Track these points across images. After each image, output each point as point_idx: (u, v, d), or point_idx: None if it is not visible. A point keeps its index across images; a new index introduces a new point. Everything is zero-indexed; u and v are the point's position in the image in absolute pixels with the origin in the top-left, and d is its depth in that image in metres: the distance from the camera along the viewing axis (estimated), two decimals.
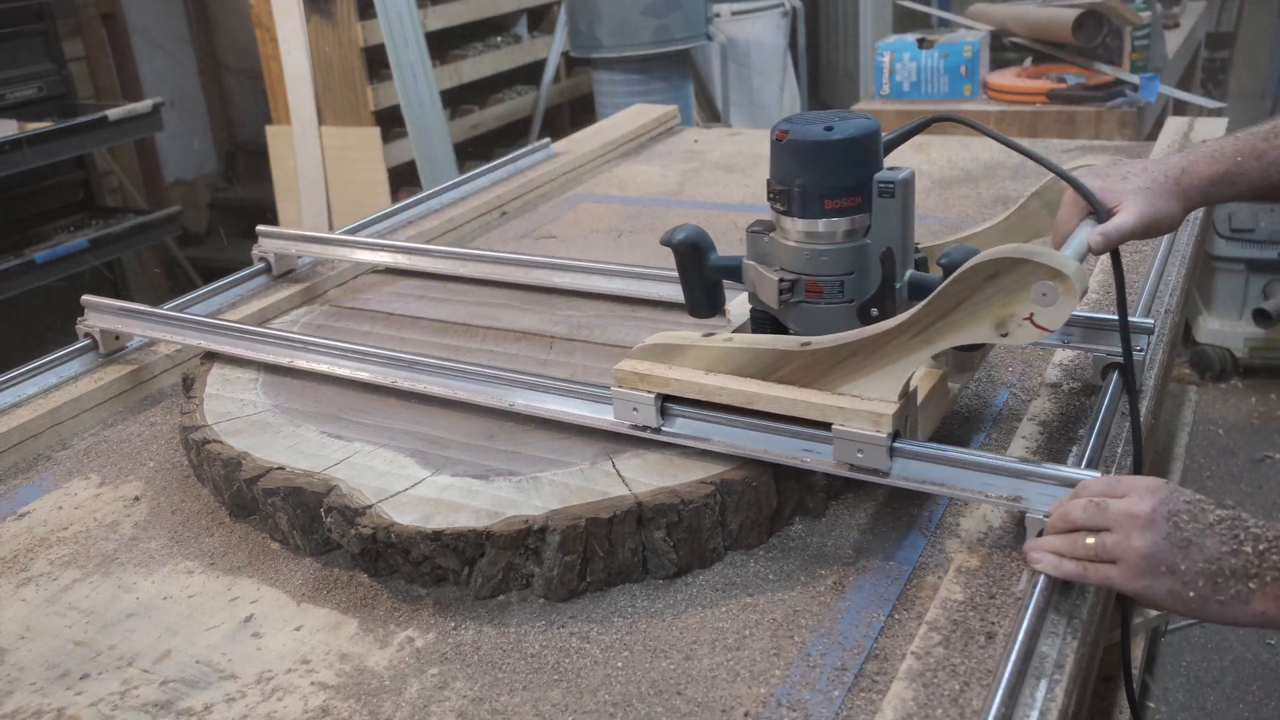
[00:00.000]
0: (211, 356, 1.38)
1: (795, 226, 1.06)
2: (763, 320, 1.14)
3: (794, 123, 1.07)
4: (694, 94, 4.14)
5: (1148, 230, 1.04)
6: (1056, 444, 1.12)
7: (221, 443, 1.17)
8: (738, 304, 1.20)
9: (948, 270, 0.96)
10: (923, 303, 0.95)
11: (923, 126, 1.15)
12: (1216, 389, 3.67)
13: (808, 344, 1.01)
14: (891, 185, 1.03)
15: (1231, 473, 3.23)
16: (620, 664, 0.92)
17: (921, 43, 3.26)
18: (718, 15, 4.36)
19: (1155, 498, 0.85)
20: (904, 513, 1.09)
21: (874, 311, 1.06)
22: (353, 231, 1.79)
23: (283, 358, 1.32)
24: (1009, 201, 1.94)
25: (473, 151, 4.47)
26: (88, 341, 1.47)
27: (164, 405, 1.45)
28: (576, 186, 2.25)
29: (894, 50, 3.28)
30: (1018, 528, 0.99)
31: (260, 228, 1.71)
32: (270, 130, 4.24)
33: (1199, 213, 1.70)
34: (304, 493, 1.06)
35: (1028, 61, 3.32)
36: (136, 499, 1.23)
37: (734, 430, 1.05)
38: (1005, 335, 0.92)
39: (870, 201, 1.04)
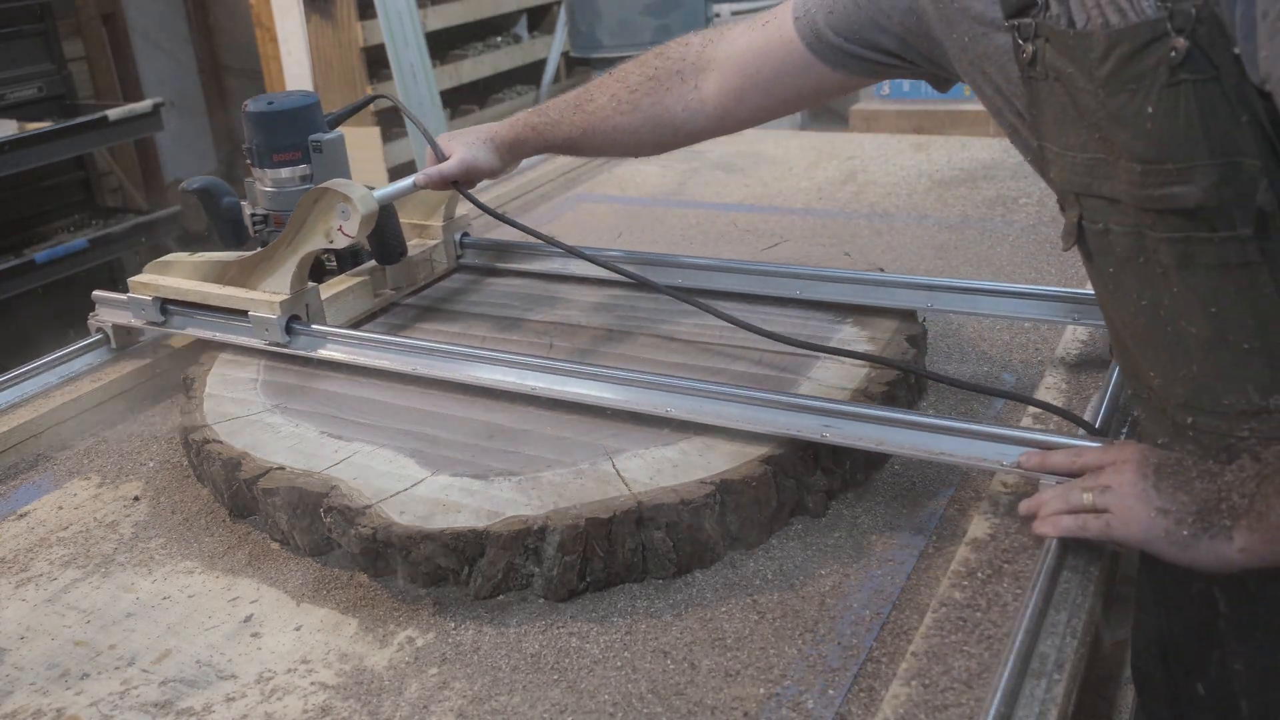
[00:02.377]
0: (212, 357, 1.39)
1: (263, 175, 1.45)
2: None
3: (253, 100, 1.45)
4: None
5: (467, 173, 1.37)
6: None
7: (221, 443, 1.17)
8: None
9: None
10: (288, 222, 1.32)
11: (364, 104, 1.60)
12: None
13: (241, 257, 1.38)
14: (320, 144, 1.43)
15: None
16: (620, 664, 0.92)
17: None
18: (718, 15, 4.36)
19: (1141, 453, 0.92)
20: (904, 513, 1.09)
21: None
22: None
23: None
24: (1008, 201, 1.94)
25: None
26: (99, 336, 1.49)
27: (164, 405, 1.45)
28: (576, 186, 2.25)
29: None
30: (1017, 527, 0.99)
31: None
32: None
33: None
34: (304, 493, 1.06)
35: None
36: (136, 499, 1.23)
37: (204, 324, 1.40)
38: (332, 241, 1.30)
39: (308, 156, 1.43)
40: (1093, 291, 1.24)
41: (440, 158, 1.38)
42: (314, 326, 1.33)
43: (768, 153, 2.36)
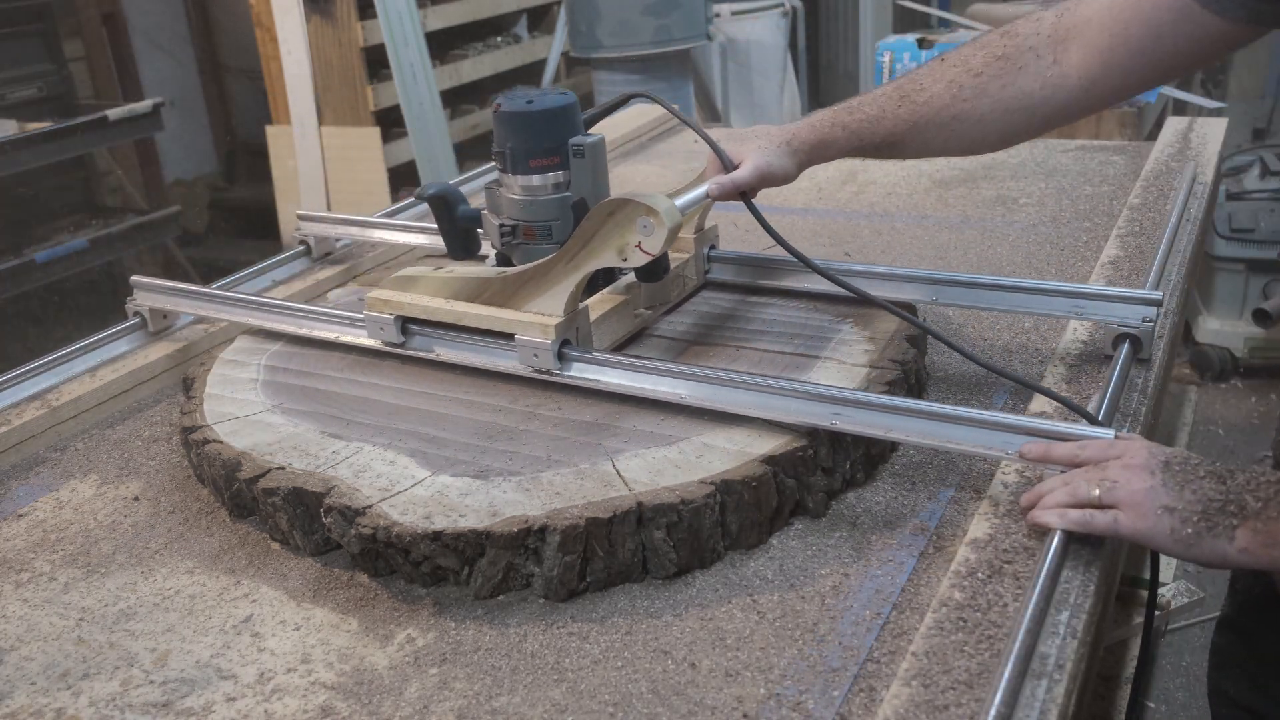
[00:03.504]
0: (212, 357, 1.39)
1: (513, 182, 1.28)
2: (502, 259, 1.34)
3: (507, 98, 1.29)
4: (694, 94, 4.14)
5: (763, 181, 1.23)
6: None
7: (221, 443, 1.17)
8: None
9: None
10: (571, 237, 1.18)
11: (621, 103, 1.40)
12: (1216, 389, 3.67)
13: (503, 273, 1.24)
14: (582, 147, 1.27)
15: None
16: (620, 664, 0.92)
17: (921, 43, 3.26)
18: (718, 15, 4.36)
19: (1147, 449, 0.92)
20: (904, 513, 1.09)
21: None
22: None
23: (329, 333, 1.38)
24: (1008, 201, 1.94)
25: (473, 151, 4.47)
26: (136, 320, 1.53)
27: (164, 405, 1.45)
28: None
29: (894, 50, 3.28)
30: (1017, 527, 0.99)
31: (300, 212, 1.82)
32: (270, 130, 4.24)
33: (1199, 211, 1.70)
34: (304, 493, 1.06)
35: None
36: (136, 499, 1.23)
37: (454, 344, 1.28)
38: (625, 259, 1.16)
39: (567, 161, 1.27)
40: (1095, 287, 1.27)
41: (728, 165, 1.23)
42: (595, 354, 1.21)
43: None
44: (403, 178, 4.12)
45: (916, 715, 0.79)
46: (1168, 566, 2.27)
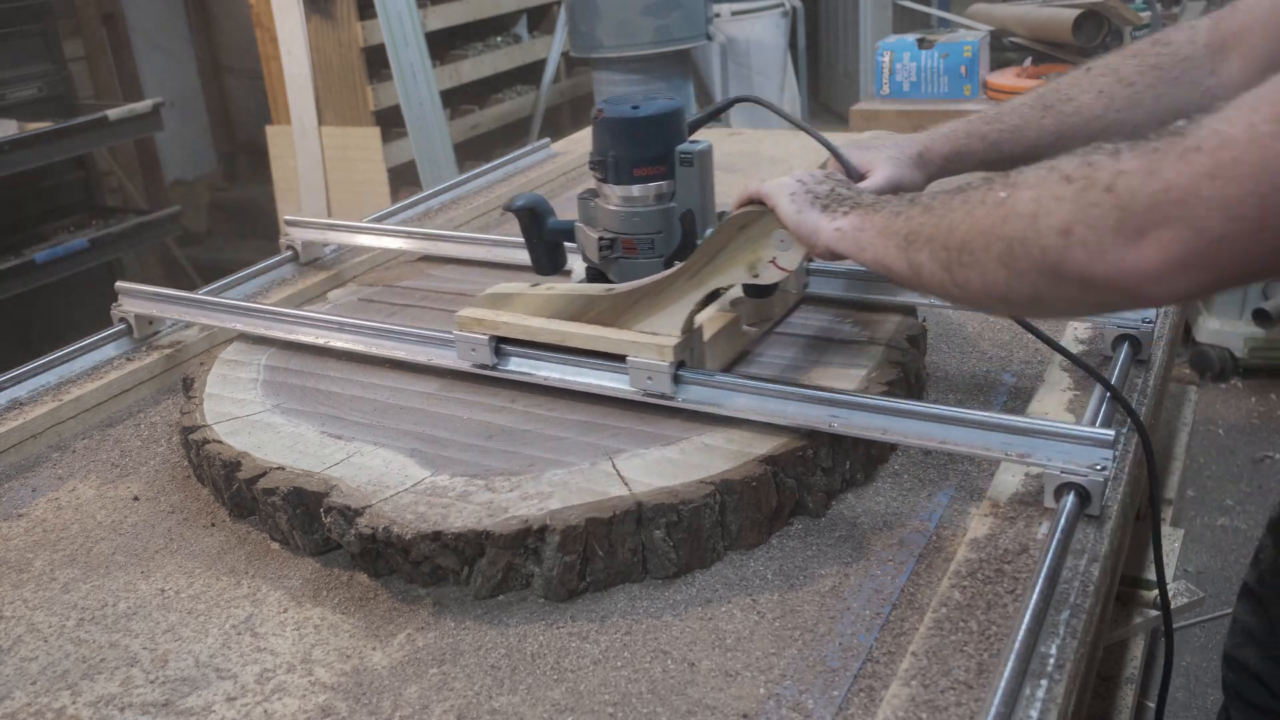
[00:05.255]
0: (212, 357, 1.39)
1: (613, 192, 1.21)
2: (594, 275, 1.28)
3: (609, 103, 1.22)
4: (694, 94, 4.14)
5: (894, 192, 1.18)
6: (1074, 405, 1.19)
7: (221, 443, 1.17)
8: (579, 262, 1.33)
9: None
10: (695, 251, 1.12)
11: (726, 106, 1.33)
12: (1216, 389, 3.67)
13: (611, 289, 1.17)
14: (690, 155, 1.20)
15: (1231, 472, 3.24)
16: (620, 664, 0.92)
17: (921, 43, 3.26)
18: (718, 15, 4.36)
19: (793, 176, 1.05)
20: (904, 513, 1.09)
21: (676, 264, 1.16)
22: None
23: (318, 338, 1.36)
24: None
25: (473, 151, 4.47)
26: (122, 326, 1.53)
27: (164, 405, 1.45)
28: (577, 186, 2.25)
29: (894, 50, 3.28)
30: (1017, 527, 0.99)
31: (286, 217, 1.81)
32: (270, 130, 4.24)
33: None
34: (304, 493, 1.06)
35: (1028, 61, 3.32)
36: (136, 499, 1.23)
37: (554, 365, 1.20)
38: (756, 276, 1.10)
39: (674, 170, 1.20)
40: None
41: (854, 175, 1.18)
42: (714, 375, 1.14)
43: (767, 153, 2.36)
44: (403, 178, 4.12)
45: (916, 715, 0.79)
46: (1168, 567, 2.27)
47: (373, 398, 1.26)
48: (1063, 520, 0.95)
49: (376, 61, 4.02)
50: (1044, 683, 0.81)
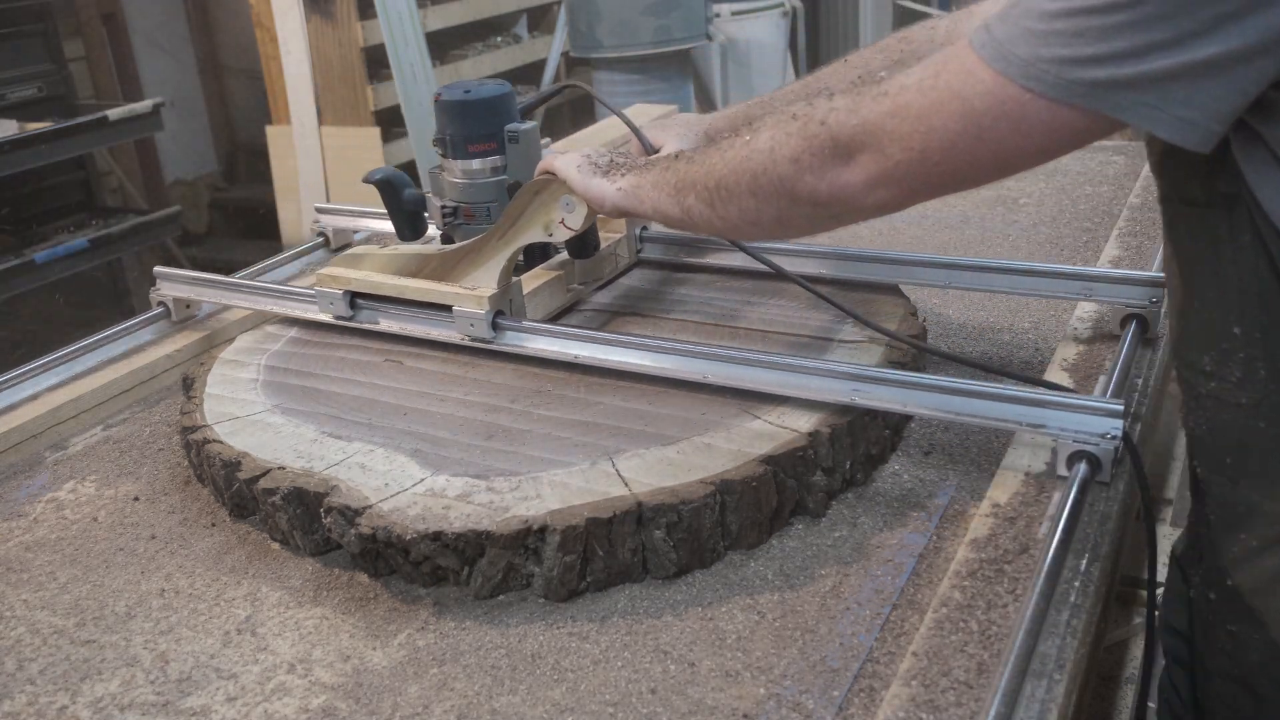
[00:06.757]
0: (212, 357, 1.39)
1: (454, 166, 1.39)
2: (446, 239, 1.43)
3: (448, 88, 1.38)
4: (694, 94, 4.14)
5: None
6: (1083, 382, 1.24)
7: (221, 443, 1.17)
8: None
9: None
10: (501, 216, 1.28)
11: (556, 93, 1.51)
12: None
13: (442, 250, 1.33)
14: (517, 134, 1.37)
15: None
16: (620, 664, 0.92)
17: None
18: (718, 15, 4.36)
19: (579, 153, 1.20)
20: (904, 513, 1.09)
21: None
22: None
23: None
24: (1008, 200, 1.94)
25: None
26: (160, 309, 1.58)
27: (164, 405, 1.45)
28: None
29: None
30: (1017, 527, 0.99)
31: (318, 205, 1.90)
32: (270, 130, 4.24)
33: None
34: (304, 493, 1.06)
35: None
36: (136, 499, 1.23)
37: (394, 317, 1.37)
38: (551, 235, 1.26)
39: (504, 146, 1.37)
40: (1104, 270, 1.35)
41: (648, 149, 1.31)
42: (524, 322, 1.30)
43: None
44: None
45: (916, 715, 0.79)
46: (1164, 567, 2.27)
47: (373, 398, 1.26)
48: (1075, 487, 0.99)
49: (376, 61, 4.02)
50: (1044, 683, 0.81)
